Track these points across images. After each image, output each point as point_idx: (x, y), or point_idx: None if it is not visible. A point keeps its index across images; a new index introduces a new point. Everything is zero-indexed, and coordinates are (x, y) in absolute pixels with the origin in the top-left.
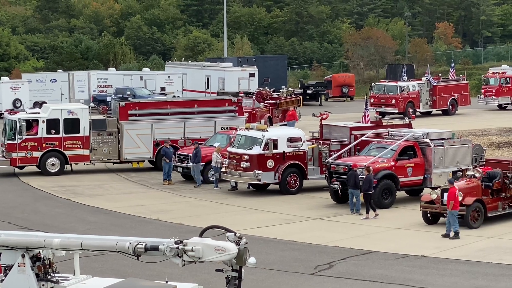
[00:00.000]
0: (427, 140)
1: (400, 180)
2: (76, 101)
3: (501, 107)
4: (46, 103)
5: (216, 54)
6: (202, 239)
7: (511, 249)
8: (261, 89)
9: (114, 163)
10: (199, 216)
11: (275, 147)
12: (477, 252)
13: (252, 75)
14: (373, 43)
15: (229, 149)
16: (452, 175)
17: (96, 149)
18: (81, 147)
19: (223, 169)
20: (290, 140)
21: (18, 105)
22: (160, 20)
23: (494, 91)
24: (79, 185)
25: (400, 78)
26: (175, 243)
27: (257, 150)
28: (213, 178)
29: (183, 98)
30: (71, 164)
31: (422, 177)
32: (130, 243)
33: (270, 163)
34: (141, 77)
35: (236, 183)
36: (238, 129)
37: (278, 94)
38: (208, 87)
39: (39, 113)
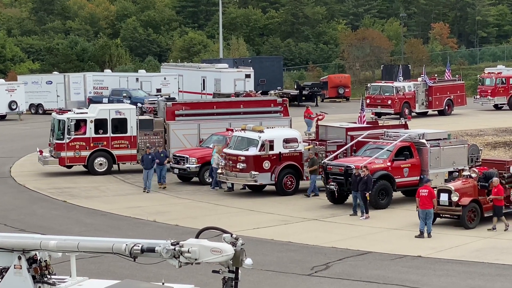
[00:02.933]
0: (423, 141)
1: (397, 180)
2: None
3: (497, 107)
4: (42, 105)
5: (212, 56)
6: (198, 241)
7: (508, 249)
8: (249, 91)
9: None
10: (195, 217)
11: (271, 148)
12: (474, 252)
13: (248, 76)
14: (368, 43)
15: (225, 150)
16: (449, 175)
17: (143, 149)
18: (129, 147)
19: (219, 170)
20: (286, 141)
21: (14, 107)
22: (156, 22)
23: (490, 91)
24: (75, 187)
25: (396, 78)
26: (172, 244)
27: (253, 151)
28: (210, 180)
29: (229, 98)
30: (118, 164)
31: (418, 178)
32: (126, 244)
33: (266, 164)
34: (137, 79)
35: (232, 184)
36: (234, 130)
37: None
38: (204, 89)
39: (87, 113)
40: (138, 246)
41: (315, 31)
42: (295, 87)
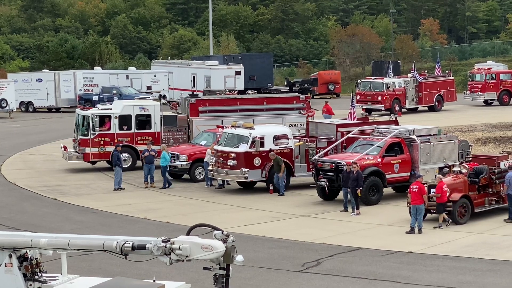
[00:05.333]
0: (414, 137)
1: (387, 176)
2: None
3: (487, 103)
4: (32, 103)
5: (202, 52)
6: (189, 238)
7: (498, 244)
8: (226, 90)
9: None
10: (186, 214)
11: (262, 144)
12: (464, 247)
13: (238, 73)
14: (358, 40)
15: (215, 147)
16: (439, 171)
17: (166, 145)
18: (153, 143)
19: (209, 167)
20: (277, 137)
21: (4, 105)
22: (146, 19)
23: (480, 87)
24: (66, 184)
25: (386, 75)
26: (163, 241)
27: (243, 148)
28: (200, 177)
29: (252, 95)
30: (142, 160)
31: (408, 174)
32: (117, 242)
33: (257, 161)
34: (127, 76)
35: (223, 181)
36: (224, 127)
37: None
38: (194, 86)
39: (111, 109)
40: (129, 243)
41: (305, 28)
42: (285, 83)
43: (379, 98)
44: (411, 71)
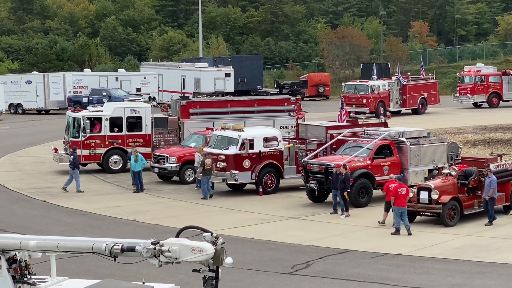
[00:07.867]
0: (403, 139)
1: (377, 178)
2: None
3: (476, 105)
4: (22, 105)
5: (192, 55)
6: (178, 240)
7: (487, 246)
8: (205, 95)
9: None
10: (175, 216)
11: (251, 147)
12: (454, 250)
13: (227, 75)
14: (348, 42)
15: (205, 149)
16: (428, 173)
17: (157, 147)
18: (144, 145)
19: (199, 170)
20: (266, 140)
21: None
22: (135, 21)
23: (469, 89)
24: (55, 186)
25: (370, 77)
26: (152, 243)
27: (233, 150)
28: (189, 179)
29: (243, 97)
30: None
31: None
32: (106, 244)
33: (246, 163)
34: (117, 78)
35: (212, 183)
36: (214, 129)
37: None
38: (183, 88)
39: (102, 111)
40: (118, 245)
41: (294, 30)
42: (275, 86)
43: (364, 101)
44: (395, 74)
